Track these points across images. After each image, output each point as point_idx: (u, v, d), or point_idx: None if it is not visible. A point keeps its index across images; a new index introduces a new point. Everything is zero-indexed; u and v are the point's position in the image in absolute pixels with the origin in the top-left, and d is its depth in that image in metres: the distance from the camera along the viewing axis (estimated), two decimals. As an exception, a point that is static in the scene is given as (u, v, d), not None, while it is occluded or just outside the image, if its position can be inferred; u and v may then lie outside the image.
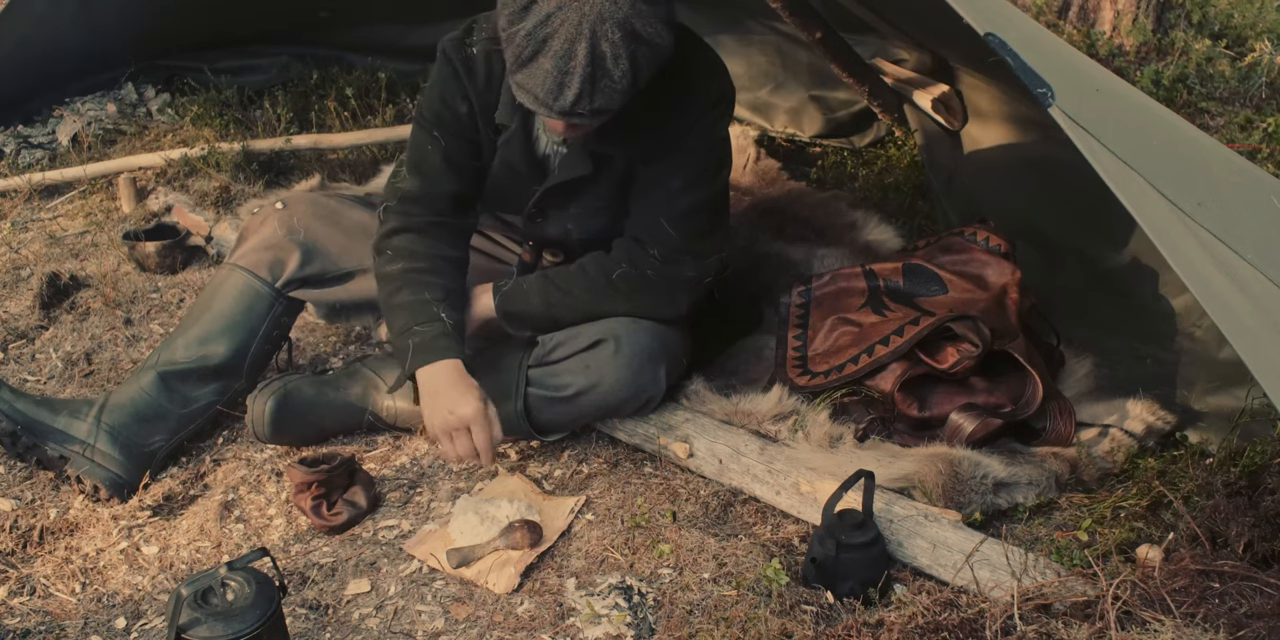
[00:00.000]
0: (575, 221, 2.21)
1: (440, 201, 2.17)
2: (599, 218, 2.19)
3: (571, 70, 1.75)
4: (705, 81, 2.05)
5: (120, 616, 1.93)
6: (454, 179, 2.16)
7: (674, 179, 2.09)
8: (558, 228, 2.24)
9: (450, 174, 2.16)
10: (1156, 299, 2.24)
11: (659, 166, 2.09)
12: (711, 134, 2.09)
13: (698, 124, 2.05)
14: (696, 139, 2.06)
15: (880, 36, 3.24)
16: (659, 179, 2.10)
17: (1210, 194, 1.80)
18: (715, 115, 2.08)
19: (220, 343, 2.30)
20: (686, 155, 2.07)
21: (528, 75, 1.79)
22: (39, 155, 3.63)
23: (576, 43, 1.73)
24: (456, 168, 2.15)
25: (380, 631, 1.87)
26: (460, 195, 2.19)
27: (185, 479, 2.25)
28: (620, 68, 1.76)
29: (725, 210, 2.24)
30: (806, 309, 2.46)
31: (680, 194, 2.10)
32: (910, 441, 2.15)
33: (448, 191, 2.17)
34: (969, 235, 2.47)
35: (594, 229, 2.21)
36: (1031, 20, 2.08)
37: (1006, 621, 1.62)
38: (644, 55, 1.78)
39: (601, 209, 2.18)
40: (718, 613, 1.82)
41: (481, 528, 2.04)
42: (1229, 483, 1.90)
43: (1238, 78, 3.88)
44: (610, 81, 1.77)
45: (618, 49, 1.74)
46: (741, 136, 3.45)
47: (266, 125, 3.71)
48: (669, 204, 2.10)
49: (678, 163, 2.08)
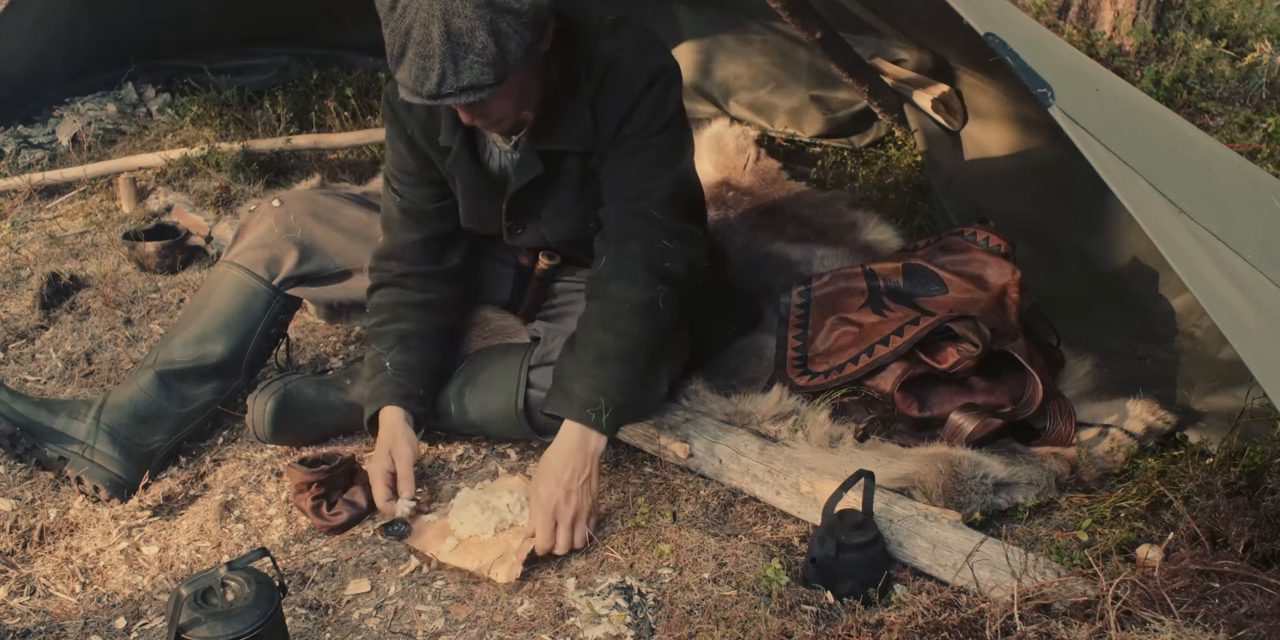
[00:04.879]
0: (547, 226, 2.19)
1: (409, 252, 2.22)
2: (567, 219, 2.17)
3: (431, 53, 1.76)
4: (636, 59, 2.02)
5: (120, 616, 1.93)
6: (415, 227, 2.21)
7: (634, 165, 2.06)
8: (533, 236, 2.23)
9: (410, 223, 2.21)
10: (1156, 299, 2.24)
11: (616, 155, 2.06)
12: (660, 110, 2.04)
13: (641, 103, 2.01)
14: (645, 119, 2.03)
15: (880, 36, 3.24)
16: (620, 168, 2.07)
17: (1210, 194, 1.80)
18: (659, 89, 2.03)
19: (218, 341, 2.29)
20: (640, 138, 2.04)
21: (400, 69, 1.81)
22: (39, 155, 3.64)
23: (430, 26, 1.74)
24: (416, 216, 2.21)
25: (380, 631, 1.87)
26: (427, 241, 2.22)
27: (185, 479, 2.25)
28: (479, 40, 1.75)
29: (698, 185, 2.21)
30: (806, 309, 2.46)
31: (645, 178, 2.07)
32: (910, 441, 2.15)
33: (413, 240, 2.22)
34: (969, 235, 2.47)
35: (564, 230, 2.19)
36: (1031, 20, 2.08)
37: (1006, 621, 1.62)
38: (508, 24, 1.77)
39: (568, 209, 2.16)
40: (718, 613, 1.82)
41: (482, 517, 2.02)
42: (1229, 483, 1.90)
43: (1238, 78, 3.88)
44: (474, 56, 1.76)
45: (473, 22, 1.74)
46: (741, 136, 3.45)
47: (266, 125, 3.71)
48: (637, 189, 2.07)
49: (634, 147, 2.05)
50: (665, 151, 2.08)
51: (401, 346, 2.17)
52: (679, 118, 2.10)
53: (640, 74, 2.00)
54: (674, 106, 2.07)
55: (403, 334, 2.18)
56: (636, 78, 2.00)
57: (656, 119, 2.04)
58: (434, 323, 2.23)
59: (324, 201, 2.42)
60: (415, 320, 2.20)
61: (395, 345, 2.17)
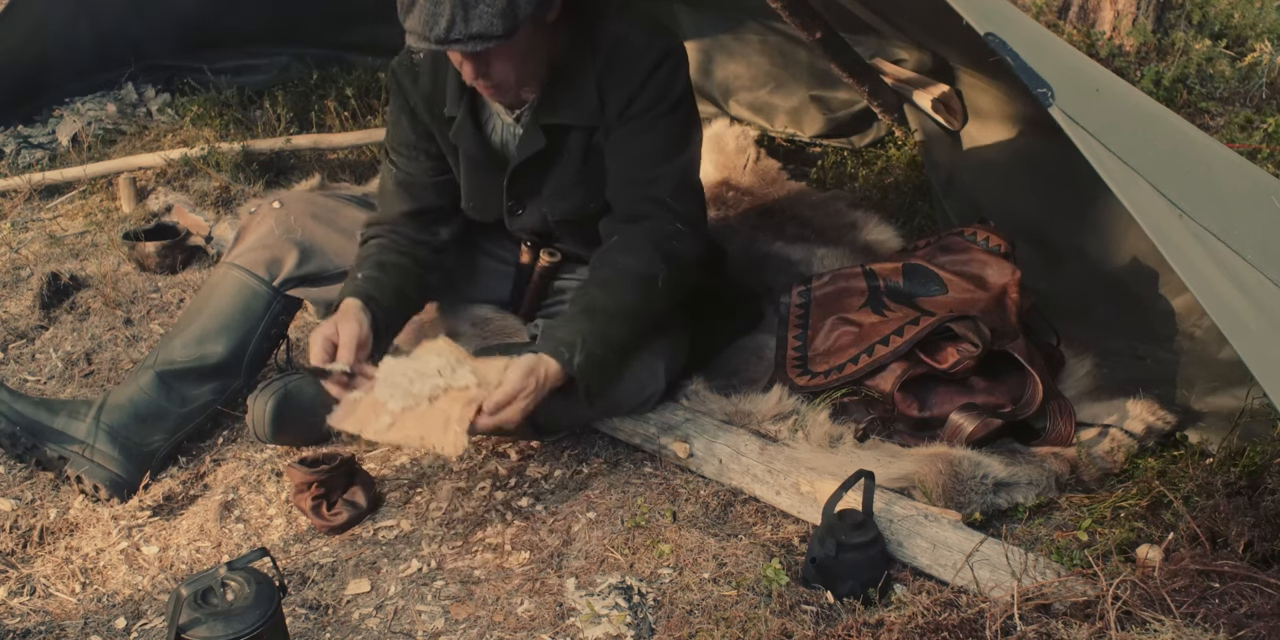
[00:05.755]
0: (549, 204, 2.20)
1: (401, 221, 2.25)
2: (571, 198, 2.18)
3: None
4: (645, 38, 2.03)
5: (120, 616, 1.93)
6: (409, 199, 2.25)
7: (643, 145, 2.07)
8: (535, 216, 2.24)
9: (404, 195, 2.25)
10: (1156, 299, 2.24)
11: (623, 133, 2.07)
12: (667, 89, 2.04)
13: (649, 82, 2.02)
14: (653, 98, 2.04)
15: (880, 36, 3.24)
16: (628, 147, 2.08)
17: (1210, 194, 1.80)
18: (668, 69, 2.04)
19: (218, 342, 2.30)
20: (647, 117, 2.05)
21: (409, 15, 1.83)
22: (39, 155, 3.64)
23: None
24: (410, 188, 2.25)
25: (380, 631, 1.87)
26: (420, 212, 2.25)
27: (185, 479, 2.26)
28: None
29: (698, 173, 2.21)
30: (806, 309, 2.46)
31: (656, 162, 2.08)
32: (910, 441, 2.15)
33: (405, 211, 2.25)
34: (969, 235, 2.47)
35: (566, 209, 2.20)
36: (1031, 20, 2.08)
37: (1006, 621, 1.62)
38: None
39: (571, 187, 2.17)
40: (718, 613, 1.82)
41: (414, 387, 1.89)
42: (1229, 483, 1.90)
43: (1238, 78, 3.88)
44: (485, 5, 1.79)
45: None
46: (741, 136, 3.45)
47: (266, 125, 3.72)
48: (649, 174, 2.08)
49: (641, 126, 2.06)
50: (673, 133, 2.09)
51: (376, 266, 2.18)
52: (687, 100, 2.11)
53: (649, 53, 2.02)
54: (681, 87, 2.08)
55: (380, 261, 2.20)
56: (645, 56, 2.02)
57: (664, 98, 2.05)
58: (412, 268, 2.22)
59: (324, 202, 2.42)
60: (395, 258, 2.21)
61: (369, 265, 2.18)
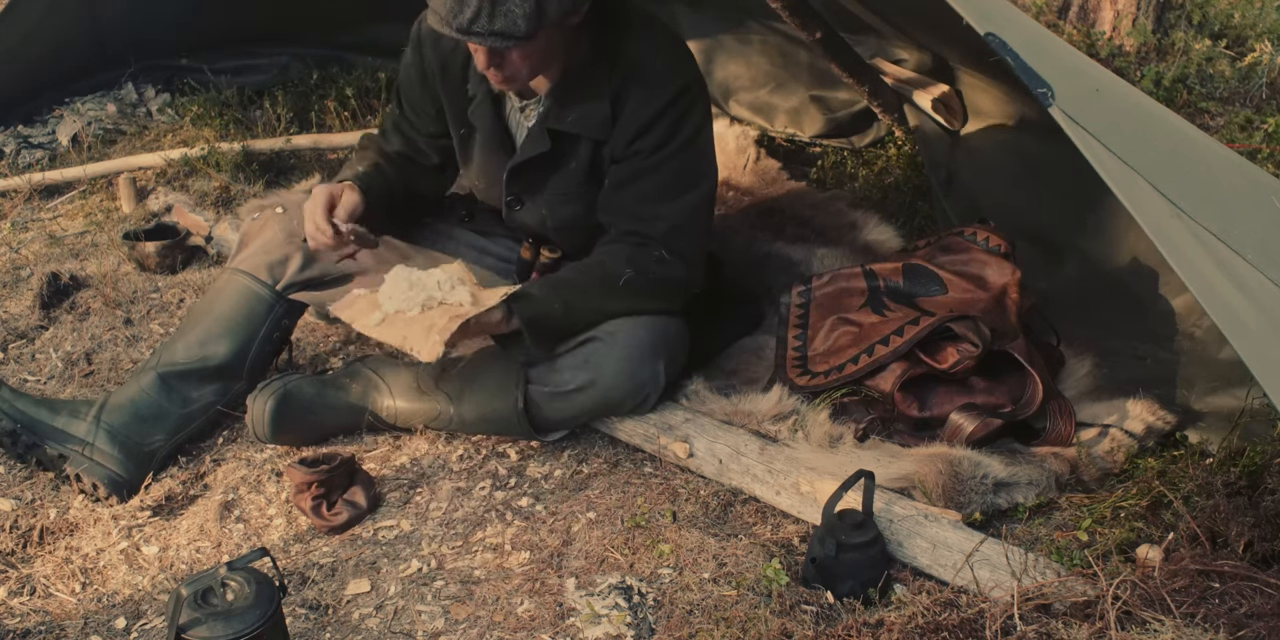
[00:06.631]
0: (549, 208, 2.22)
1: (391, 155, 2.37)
2: (571, 205, 2.20)
3: None
4: (664, 71, 2.04)
5: (120, 616, 1.93)
6: (397, 140, 2.38)
7: (646, 184, 2.09)
8: (534, 216, 2.26)
9: (395, 135, 2.38)
10: (1156, 299, 2.24)
11: (628, 167, 2.08)
12: (678, 128, 2.05)
13: (661, 119, 2.03)
14: (662, 136, 2.04)
15: (880, 36, 3.24)
16: (632, 182, 2.10)
17: (1210, 194, 1.80)
18: (682, 107, 2.04)
19: (220, 344, 2.30)
20: (653, 156, 2.06)
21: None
22: (39, 155, 3.63)
23: None
24: (401, 132, 2.37)
25: (380, 631, 1.87)
26: (400, 155, 2.37)
27: (185, 479, 2.25)
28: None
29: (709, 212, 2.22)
30: (806, 309, 2.46)
31: (657, 201, 2.10)
32: (910, 441, 2.15)
33: (390, 150, 2.37)
34: (969, 235, 2.47)
35: (566, 216, 2.22)
36: (1031, 20, 2.08)
37: (1006, 621, 1.62)
38: None
39: (572, 195, 2.19)
40: (718, 613, 1.82)
41: (410, 293, 2.00)
42: (1229, 483, 1.90)
43: (1238, 78, 3.88)
44: (513, 4, 1.81)
45: None
46: (741, 136, 3.45)
47: (266, 125, 3.71)
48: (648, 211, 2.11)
49: (645, 165, 2.07)
50: (680, 175, 2.10)
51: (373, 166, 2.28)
52: (699, 138, 2.11)
53: (664, 89, 2.02)
54: (693, 126, 2.08)
55: (375, 161, 2.30)
56: (660, 92, 2.02)
57: (674, 138, 2.06)
58: (403, 175, 2.33)
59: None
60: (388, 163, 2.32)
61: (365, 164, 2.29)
